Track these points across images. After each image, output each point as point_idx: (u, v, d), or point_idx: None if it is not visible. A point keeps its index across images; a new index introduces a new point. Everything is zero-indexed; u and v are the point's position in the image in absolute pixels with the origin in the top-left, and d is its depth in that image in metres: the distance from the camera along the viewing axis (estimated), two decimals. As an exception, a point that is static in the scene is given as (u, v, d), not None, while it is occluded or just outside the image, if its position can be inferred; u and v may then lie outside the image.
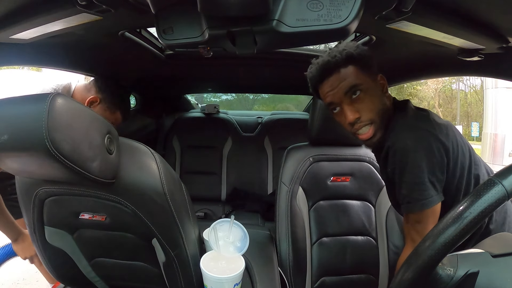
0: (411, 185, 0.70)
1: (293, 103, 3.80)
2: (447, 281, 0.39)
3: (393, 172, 0.74)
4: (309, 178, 1.05)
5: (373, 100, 0.74)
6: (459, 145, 0.72)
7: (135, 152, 0.60)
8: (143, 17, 0.63)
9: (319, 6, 0.43)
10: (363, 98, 0.74)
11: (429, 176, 0.68)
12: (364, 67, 0.74)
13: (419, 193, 0.69)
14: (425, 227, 0.70)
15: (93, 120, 0.50)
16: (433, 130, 0.70)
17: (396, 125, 0.74)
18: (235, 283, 0.66)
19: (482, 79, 10.36)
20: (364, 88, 0.73)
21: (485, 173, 0.74)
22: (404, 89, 13.96)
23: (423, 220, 0.71)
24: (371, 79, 0.75)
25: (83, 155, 0.46)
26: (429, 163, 0.68)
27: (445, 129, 0.72)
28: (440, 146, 0.69)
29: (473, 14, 0.56)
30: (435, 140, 0.69)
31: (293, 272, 0.96)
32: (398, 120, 0.75)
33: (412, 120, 0.74)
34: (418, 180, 0.69)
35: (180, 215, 0.63)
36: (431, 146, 0.69)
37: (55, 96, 0.44)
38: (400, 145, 0.71)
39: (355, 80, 0.73)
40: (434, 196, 0.69)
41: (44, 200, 0.59)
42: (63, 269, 0.72)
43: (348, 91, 0.74)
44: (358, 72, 0.74)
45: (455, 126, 0.78)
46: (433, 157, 0.68)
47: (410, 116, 0.75)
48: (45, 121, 0.42)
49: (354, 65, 0.74)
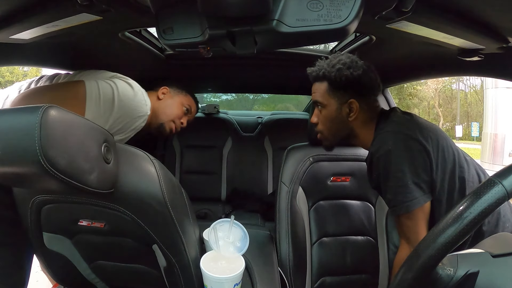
0: (395, 188, 0.72)
1: (293, 103, 3.81)
2: (447, 281, 0.39)
3: (378, 178, 0.77)
4: (309, 178, 1.05)
5: (329, 119, 0.85)
6: (440, 148, 0.74)
7: (133, 158, 0.59)
8: (143, 17, 0.63)
9: (319, 6, 0.43)
10: (322, 113, 0.86)
11: (413, 178, 0.70)
12: (335, 88, 0.82)
13: (403, 196, 0.71)
14: (416, 226, 0.72)
15: (89, 130, 0.48)
16: (412, 133, 0.73)
17: (379, 132, 0.78)
18: (235, 283, 0.66)
19: (482, 79, 10.36)
20: (325, 107, 0.85)
21: (474, 175, 0.76)
22: (404, 89, 13.96)
23: (413, 218, 0.72)
24: (337, 102, 0.83)
25: (80, 169, 0.44)
26: (411, 165, 0.70)
27: (427, 132, 0.74)
28: (421, 148, 0.71)
29: (473, 14, 0.56)
30: (415, 142, 0.72)
31: (293, 272, 0.96)
32: (381, 128, 0.79)
33: (392, 126, 0.77)
34: (401, 183, 0.71)
35: (181, 221, 0.62)
36: (411, 149, 0.71)
37: (47, 109, 0.41)
38: (381, 151, 0.74)
39: (320, 97, 0.85)
40: (419, 197, 0.70)
41: (42, 207, 0.58)
42: (63, 272, 0.72)
43: (314, 102, 0.88)
44: (327, 90, 0.84)
45: (442, 130, 0.81)
46: (414, 159, 0.71)
47: (391, 121, 0.79)
48: (38, 136, 0.39)
49: (328, 82, 0.83)
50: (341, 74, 0.80)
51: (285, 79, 1.64)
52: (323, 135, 0.89)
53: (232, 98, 4.37)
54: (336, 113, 0.84)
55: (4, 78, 11.09)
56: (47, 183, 0.44)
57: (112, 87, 0.86)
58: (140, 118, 0.91)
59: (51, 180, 0.41)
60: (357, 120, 0.83)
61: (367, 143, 0.83)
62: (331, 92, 0.83)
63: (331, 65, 0.82)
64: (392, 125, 0.77)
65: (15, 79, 10.89)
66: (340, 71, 0.80)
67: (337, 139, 0.88)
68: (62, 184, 0.43)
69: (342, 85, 0.81)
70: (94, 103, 0.83)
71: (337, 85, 0.82)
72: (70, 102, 0.81)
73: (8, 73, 11.09)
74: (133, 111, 0.89)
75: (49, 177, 0.41)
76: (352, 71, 0.79)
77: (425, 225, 0.72)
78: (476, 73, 0.93)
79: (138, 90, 0.91)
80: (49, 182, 0.42)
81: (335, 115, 0.84)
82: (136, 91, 0.90)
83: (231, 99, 4.36)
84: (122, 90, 0.87)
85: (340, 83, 0.81)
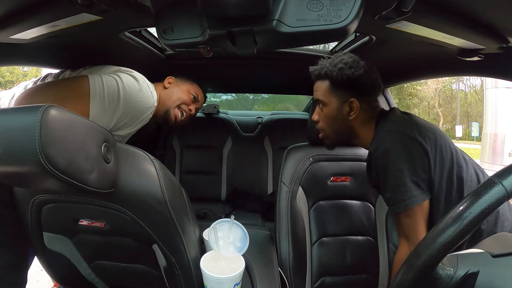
0: (394, 187, 0.73)
1: (293, 103, 3.80)
2: (447, 281, 0.39)
3: (377, 176, 0.78)
4: (309, 178, 1.05)
5: (330, 117, 0.86)
6: (438, 148, 0.74)
7: (133, 158, 0.59)
8: (143, 17, 0.63)
9: (319, 6, 0.43)
10: (323, 112, 0.87)
11: (411, 177, 0.71)
12: (336, 87, 0.84)
13: (402, 194, 0.71)
14: (415, 224, 0.73)
15: (89, 129, 0.48)
16: (409, 132, 0.74)
17: (377, 132, 0.80)
18: (235, 283, 0.66)
19: (482, 79, 10.36)
20: (326, 105, 0.86)
21: (473, 175, 0.76)
22: (404, 89, 13.96)
23: (412, 216, 0.73)
24: (338, 100, 0.85)
25: (80, 168, 0.45)
26: (409, 164, 0.71)
27: (425, 131, 0.75)
28: (419, 147, 0.72)
29: (473, 14, 0.56)
30: (412, 142, 0.73)
31: (293, 272, 0.96)
32: (380, 127, 0.80)
33: (391, 125, 0.78)
34: (399, 181, 0.72)
35: (181, 221, 0.62)
36: (409, 148, 0.72)
37: (47, 108, 0.41)
38: (380, 150, 0.75)
39: (321, 95, 0.86)
40: (417, 195, 0.71)
41: (42, 207, 0.58)
42: (63, 271, 0.72)
43: (316, 101, 0.89)
44: (328, 89, 0.85)
45: (440, 130, 0.82)
46: (412, 158, 0.72)
47: (390, 121, 0.80)
48: (38, 136, 0.39)
49: (329, 81, 0.84)
50: (342, 73, 0.81)
51: (285, 79, 1.64)
52: (324, 134, 0.90)
53: (232, 98, 4.37)
54: (337, 112, 0.85)
55: (4, 78, 11.09)
56: (47, 182, 0.44)
57: (117, 80, 0.85)
58: (147, 109, 0.91)
59: (51, 179, 0.42)
60: (357, 119, 0.84)
61: (367, 142, 0.84)
62: (332, 91, 0.84)
63: (333, 64, 0.83)
64: (390, 124, 0.78)
65: (15, 79, 10.90)
66: (342, 70, 0.81)
67: (338, 138, 0.90)
68: (62, 184, 0.43)
69: (343, 84, 0.82)
70: (98, 98, 0.82)
71: (338, 84, 0.83)
72: (74, 98, 0.81)
73: (8, 73, 11.10)
74: (139, 103, 0.88)
75: (49, 177, 0.41)
76: (354, 70, 0.80)
77: (424, 223, 0.73)
78: (476, 73, 0.93)
79: (143, 82, 0.90)
80: (49, 181, 0.43)
81: (335, 114, 0.85)
82: (141, 83, 0.89)
83: (231, 99, 4.36)
84: (127, 83, 0.86)
85: (342, 82, 0.82)
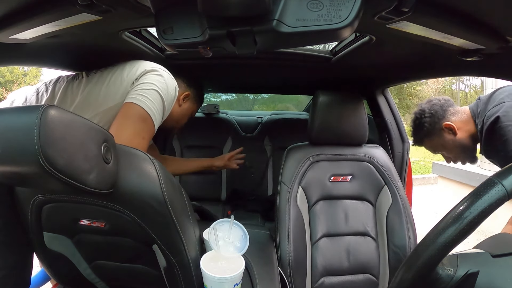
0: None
1: (293, 103, 3.79)
2: (447, 281, 0.39)
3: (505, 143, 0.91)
4: (309, 178, 1.05)
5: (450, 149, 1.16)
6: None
7: (133, 158, 0.59)
8: (143, 17, 0.63)
9: (319, 6, 0.43)
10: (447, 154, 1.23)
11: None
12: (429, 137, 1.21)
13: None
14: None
15: (88, 130, 0.48)
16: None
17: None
18: (235, 283, 0.66)
19: (482, 79, 10.34)
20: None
21: None
22: (404, 89, 13.95)
23: None
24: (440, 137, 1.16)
25: (79, 168, 0.45)
26: None
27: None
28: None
29: (473, 14, 0.56)
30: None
31: (293, 272, 0.96)
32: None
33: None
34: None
35: (181, 222, 0.62)
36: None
37: (46, 108, 0.41)
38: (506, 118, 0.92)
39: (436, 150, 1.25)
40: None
41: (42, 206, 0.58)
42: (63, 271, 0.72)
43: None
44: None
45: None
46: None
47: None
48: (37, 136, 0.39)
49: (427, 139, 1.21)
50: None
51: (285, 79, 1.64)
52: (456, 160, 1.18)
53: (232, 98, 4.36)
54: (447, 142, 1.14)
55: (4, 78, 11.07)
56: (46, 182, 0.44)
57: (155, 89, 0.85)
58: (174, 90, 0.91)
59: (50, 179, 0.41)
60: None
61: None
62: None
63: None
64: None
65: (15, 79, 10.87)
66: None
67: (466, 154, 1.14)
68: (61, 184, 0.43)
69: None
70: (158, 117, 0.84)
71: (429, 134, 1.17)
72: (143, 123, 0.81)
73: (8, 73, 11.07)
74: (172, 97, 0.90)
75: (48, 177, 0.41)
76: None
77: None
78: (476, 73, 0.93)
79: (168, 77, 0.90)
80: (48, 181, 0.43)
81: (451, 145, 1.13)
82: (166, 79, 0.88)
83: (231, 99, 4.35)
84: (161, 87, 0.85)
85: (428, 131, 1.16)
